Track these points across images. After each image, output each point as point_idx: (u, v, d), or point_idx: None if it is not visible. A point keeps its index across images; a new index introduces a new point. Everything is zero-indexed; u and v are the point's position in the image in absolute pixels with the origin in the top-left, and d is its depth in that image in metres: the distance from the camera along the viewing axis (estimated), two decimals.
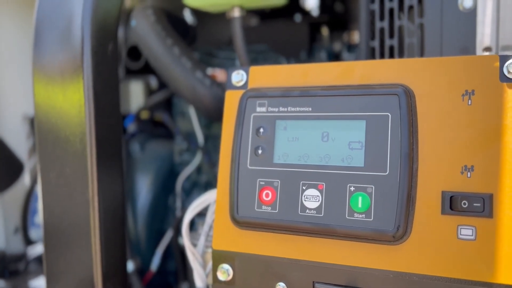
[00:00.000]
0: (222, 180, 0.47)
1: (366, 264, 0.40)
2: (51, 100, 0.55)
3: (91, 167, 0.55)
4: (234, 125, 0.46)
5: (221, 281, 0.46)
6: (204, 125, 0.97)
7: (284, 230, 0.43)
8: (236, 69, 0.48)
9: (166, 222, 0.99)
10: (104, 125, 0.56)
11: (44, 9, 0.55)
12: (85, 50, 0.54)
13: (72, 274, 0.57)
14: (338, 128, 0.42)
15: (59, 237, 0.57)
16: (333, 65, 0.44)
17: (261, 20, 1.11)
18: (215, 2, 0.65)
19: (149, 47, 0.80)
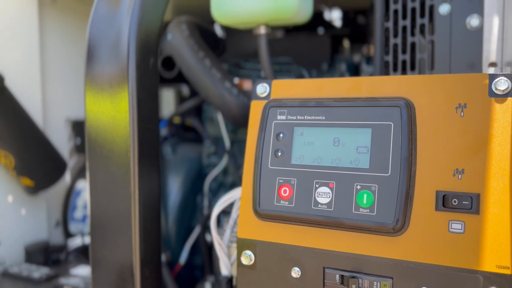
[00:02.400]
0: (246, 178, 0.54)
1: (369, 252, 0.47)
2: (100, 106, 0.63)
3: (133, 166, 0.63)
4: (257, 130, 0.53)
5: (244, 265, 0.53)
6: (230, 130, 1.04)
7: (299, 222, 0.50)
8: (260, 82, 0.55)
9: (194, 219, 1.07)
10: (144, 129, 0.64)
11: (96, 28, 0.64)
12: (130, 64, 0.62)
13: (114, 260, 0.65)
14: (348, 134, 0.49)
15: (103, 227, 0.65)
16: (344, 80, 0.51)
17: (286, 32, 1.18)
18: (243, 20, 0.72)
19: (183, 59, 0.88)
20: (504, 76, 0.44)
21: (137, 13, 0.62)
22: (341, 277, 0.48)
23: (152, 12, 0.65)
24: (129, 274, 0.64)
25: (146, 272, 0.64)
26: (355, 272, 0.47)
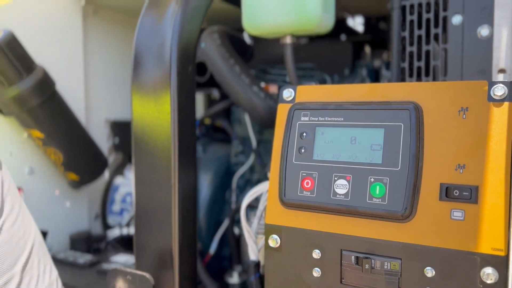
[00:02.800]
0: (273, 172, 0.62)
1: (381, 236, 0.53)
2: (145, 109, 0.72)
3: (174, 161, 0.71)
4: (284, 130, 0.61)
5: (271, 248, 0.61)
6: (257, 131, 1.12)
7: (319, 210, 0.57)
8: (286, 88, 0.63)
9: (223, 213, 1.15)
10: (184, 129, 0.72)
11: (141, 40, 0.73)
12: (172, 71, 0.70)
13: (156, 245, 0.73)
14: (363, 134, 0.56)
15: (147, 216, 0.74)
16: (360, 86, 0.58)
17: (310, 40, 1.25)
18: (271, 32, 0.80)
19: (215, 65, 0.96)
20: (501, 84, 0.50)
21: (178, 26, 0.71)
22: (356, 258, 0.55)
23: (191, 25, 0.73)
24: (169, 257, 0.72)
25: (183, 256, 0.72)
26: (368, 254, 0.54)
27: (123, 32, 1.29)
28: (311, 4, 0.72)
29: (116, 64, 1.28)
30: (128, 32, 1.29)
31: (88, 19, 1.19)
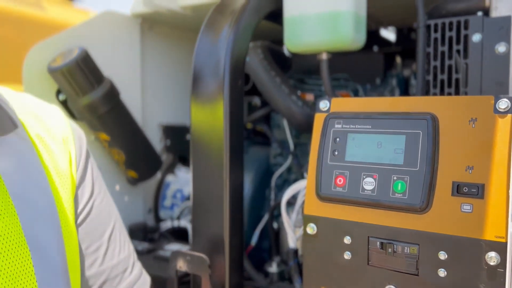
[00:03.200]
0: (311, 171, 0.73)
1: (402, 225, 0.64)
2: (202, 116, 0.85)
3: (225, 160, 0.83)
4: (320, 136, 0.72)
5: (309, 235, 0.72)
6: (294, 135, 1.23)
7: (350, 203, 0.68)
8: (323, 100, 0.74)
9: (263, 209, 1.26)
10: (234, 133, 0.85)
11: (199, 58, 0.86)
12: (225, 84, 0.83)
13: (210, 231, 0.86)
14: (388, 140, 0.66)
15: (202, 206, 0.87)
16: (385, 99, 0.69)
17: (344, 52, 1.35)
18: (309, 49, 0.91)
19: (258, 77, 1.08)
20: (505, 98, 0.60)
21: (230, 46, 0.83)
22: (381, 243, 0.65)
23: (241, 44, 0.86)
24: (220, 242, 0.84)
25: (233, 241, 0.85)
26: (391, 240, 0.65)
27: (174, 45, 1.43)
28: (344, 27, 0.84)
29: (168, 74, 1.42)
30: (178, 45, 1.44)
31: (145, 34, 1.33)
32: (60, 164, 0.70)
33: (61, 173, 0.69)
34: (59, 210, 0.67)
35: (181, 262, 0.84)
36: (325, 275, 0.71)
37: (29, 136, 0.67)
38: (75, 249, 0.69)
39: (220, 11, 0.89)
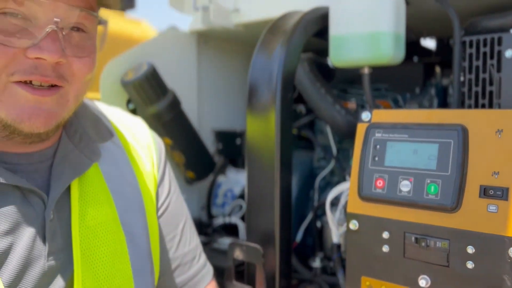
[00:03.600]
0: (354, 174, 0.83)
1: (434, 223, 0.73)
2: (256, 125, 0.97)
3: (276, 163, 0.95)
4: (362, 143, 0.82)
5: (351, 230, 0.82)
6: (337, 140, 1.32)
7: (388, 203, 0.78)
8: (365, 111, 0.84)
9: (307, 209, 1.37)
10: (283, 139, 0.96)
11: (255, 73, 0.98)
12: (277, 97, 0.94)
13: (262, 225, 0.97)
14: (422, 147, 0.76)
15: (256, 204, 0.99)
16: (421, 111, 0.78)
17: None
18: (352, 65, 1.01)
19: (304, 88, 1.19)
20: None
21: (282, 63, 0.95)
22: (415, 238, 0.74)
23: (291, 61, 0.97)
24: (271, 235, 0.96)
25: (282, 234, 0.96)
26: (425, 235, 0.74)
27: (227, 57, 1.57)
28: (385, 46, 0.93)
29: (220, 84, 1.55)
30: (230, 57, 1.57)
31: (201, 48, 1.47)
32: (145, 166, 0.84)
33: (146, 173, 0.84)
34: (145, 203, 0.81)
35: (238, 252, 0.97)
36: (366, 266, 0.81)
37: (122, 143, 0.82)
38: (156, 236, 0.83)
39: (273, 31, 1.01)
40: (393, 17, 0.93)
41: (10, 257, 0.63)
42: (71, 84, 0.67)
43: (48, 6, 0.61)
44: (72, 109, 0.70)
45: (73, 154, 0.73)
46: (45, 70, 0.63)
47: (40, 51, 0.61)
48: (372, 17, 0.95)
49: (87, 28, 0.67)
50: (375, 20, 0.94)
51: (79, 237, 0.70)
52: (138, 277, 0.76)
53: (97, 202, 0.73)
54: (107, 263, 0.72)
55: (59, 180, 0.70)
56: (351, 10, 0.98)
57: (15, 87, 0.62)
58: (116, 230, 0.74)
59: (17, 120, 0.63)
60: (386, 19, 0.93)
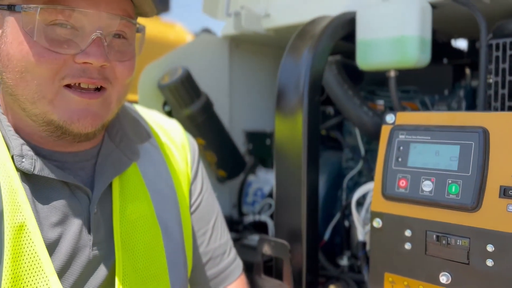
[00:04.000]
0: (378, 174, 0.87)
1: (455, 221, 0.75)
2: (284, 126, 1.01)
3: (303, 163, 0.99)
4: (386, 145, 0.85)
5: (375, 228, 0.85)
6: (365, 141, 1.35)
7: (411, 202, 0.81)
8: (389, 114, 0.87)
9: (335, 208, 1.40)
10: (310, 140, 1.00)
11: (283, 77, 1.03)
12: (304, 99, 0.99)
13: (290, 222, 1.02)
14: (444, 149, 0.78)
15: (284, 202, 1.03)
16: (443, 114, 0.80)
17: None
18: (379, 68, 1.04)
19: (333, 90, 1.22)
20: None
21: (309, 67, 0.99)
22: (437, 236, 0.77)
23: (318, 65, 1.01)
24: (298, 232, 1.00)
25: (309, 232, 1.00)
26: (445, 234, 0.76)
27: (257, 60, 1.62)
28: (410, 49, 0.96)
29: (251, 86, 1.61)
30: (261, 60, 1.62)
31: (232, 52, 1.53)
32: (180, 165, 0.90)
33: (181, 172, 0.90)
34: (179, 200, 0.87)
35: (266, 247, 1.02)
36: (389, 263, 0.84)
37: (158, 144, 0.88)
38: (189, 231, 0.89)
39: (301, 37, 1.05)
40: (419, 21, 0.96)
41: (60, 246, 0.70)
42: (114, 87, 0.73)
43: (93, 16, 0.68)
44: (115, 111, 0.76)
45: (114, 153, 0.80)
46: (92, 73, 0.70)
47: (87, 56, 0.68)
48: (398, 22, 0.97)
49: (127, 34, 0.74)
50: (401, 25, 0.97)
51: (120, 229, 0.76)
52: (172, 268, 0.82)
53: (136, 198, 0.80)
54: (144, 253, 0.78)
55: (102, 177, 0.76)
56: (378, 15, 1.01)
57: (66, 91, 0.69)
58: (153, 224, 0.80)
59: (68, 121, 0.70)
60: (412, 24, 0.96)
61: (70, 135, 0.72)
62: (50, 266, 0.68)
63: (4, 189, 0.67)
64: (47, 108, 0.69)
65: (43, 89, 0.68)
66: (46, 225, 0.70)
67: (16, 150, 0.69)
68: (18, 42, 0.67)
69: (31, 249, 0.67)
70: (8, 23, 0.69)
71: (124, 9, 0.72)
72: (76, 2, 0.67)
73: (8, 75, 0.69)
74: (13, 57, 0.68)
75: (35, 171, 0.69)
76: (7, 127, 0.72)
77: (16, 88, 0.69)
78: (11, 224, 0.66)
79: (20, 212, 0.67)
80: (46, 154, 0.73)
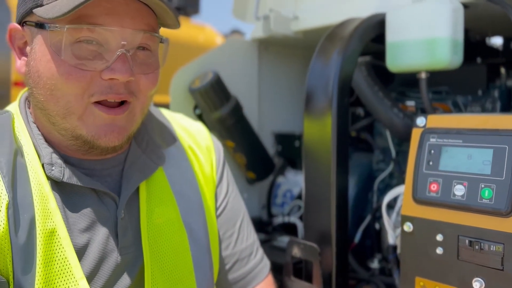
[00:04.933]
0: (408, 177, 0.86)
1: (488, 226, 0.74)
2: (313, 128, 1.02)
3: (332, 165, 0.99)
4: (417, 148, 0.85)
5: (406, 232, 0.85)
6: (396, 143, 1.33)
7: (442, 206, 0.80)
8: (420, 117, 0.86)
9: (365, 210, 1.39)
10: (340, 142, 1.00)
11: (312, 79, 1.03)
12: (333, 102, 0.99)
13: (319, 224, 1.02)
14: (477, 152, 0.77)
15: (313, 204, 1.04)
16: (476, 117, 0.79)
17: None
18: (409, 70, 1.03)
19: (362, 92, 1.22)
20: None
21: (338, 70, 0.99)
22: (469, 241, 0.76)
23: (347, 68, 1.01)
24: (328, 235, 1.00)
25: (338, 234, 1.00)
26: (479, 239, 0.75)
27: (286, 62, 1.63)
28: (442, 51, 0.94)
29: (279, 88, 1.62)
30: (290, 62, 1.63)
31: (262, 54, 1.54)
32: (205, 168, 0.92)
33: (206, 176, 0.92)
34: (205, 204, 0.89)
35: (295, 249, 1.02)
36: (420, 267, 0.83)
37: (183, 147, 0.90)
38: (215, 234, 0.91)
39: (331, 39, 1.05)
40: (451, 22, 0.94)
41: (88, 251, 0.73)
42: (138, 99, 0.75)
43: (117, 32, 0.70)
44: (139, 122, 0.78)
45: (141, 159, 0.82)
46: (118, 88, 0.71)
47: (113, 72, 0.69)
48: (429, 23, 0.96)
49: (151, 47, 0.75)
50: (432, 26, 0.96)
51: (147, 233, 0.79)
52: (198, 270, 0.84)
53: (162, 202, 0.82)
54: (171, 256, 0.80)
55: (129, 183, 0.79)
56: (408, 17, 1.00)
57: (94, 108, 0.71)
58: (179, 227, 0.82)
59: (95, 136, 0.72)
60: (444, 25, 0.94)
61: (98, 149, 0.75)
62: (80, 270, 0.70)
63: (35, 196, 0.70)
64: (76, 123, 0.72)
65: (73, 105, 0.70)
66: (75, 230, 0.72)
67: (46, 159, 0.72)
68: (47, 60, 0.70)
69: (61, 254, 0.69)
70: (37, 40, 0.71)
71: (148, 23, 0.73)
72: (101, 19, 0.68)
73: (39, 91, 0.72)
74: (42, 75, 0.70)
75: (64, 179, 0.72)
76: (37, 136, 0.75)
77: (46, 103, 0.72)
78: (43, 230, 0.68)
79: (50, 218, 0.70)
80: (74, 162, 0.76)
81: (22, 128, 0.75)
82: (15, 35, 0.76)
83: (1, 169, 0.68)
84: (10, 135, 0.73)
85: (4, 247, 0.66)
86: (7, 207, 0.66)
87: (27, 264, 0.66)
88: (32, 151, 0.73)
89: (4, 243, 0.66)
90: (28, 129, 0.75)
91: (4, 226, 0.66)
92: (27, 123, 0.76)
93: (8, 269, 0.66)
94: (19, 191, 0.69)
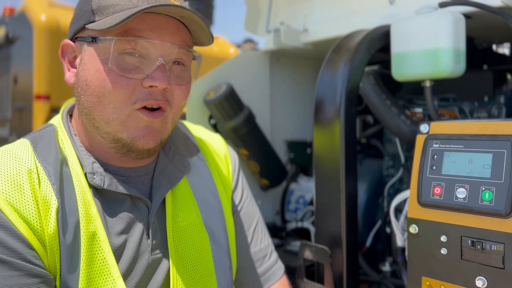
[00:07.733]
0: (413, 182, 0.90)
1: (489, 227, 0.78)
2: (322, 136, 1.07)
3: (341, 172, 1.04)
4: (420, 153, 0.89)
5: (412, 234, 0.89)
6: (405, 149, 1.37)
7: (446, 208, 0.84)
8: (423, 124, 0.91)
9: (376, 215, 1.43)
10: (348, 150, 1.05)
11: (321, 90, 1.08)
12: (341, 110, 1.04)
13: (330, 228, 1.07)
14: (477, 157, 0.81)
15: (323, 209, 1.08)
16: (477, 123, 0.83)
17: None
18: (414, 79, 1.08)
19: (370, 100, 1.26)
20: None
21: (346, 80, 1.04)
22: (472, 241, 0.80)
23: (354, 78, 1.06)
24: (338, 238, 1.05)
25: (349, 238, 1.05)
26: (481, 239, 0.79)
27: (296, 72, 1.68)
28: (444, 61, 0.99)
29: (291, 97, 1.67)
30: (300, 72, 1.68)
31: (273, 65, 1.60)
32: (223, 176, 0.98)
33: (224, 182, 0.98)
34: (224, 208, 0.95)
35: (307, 252, 1.07)
36: (426, 267, 0.87)
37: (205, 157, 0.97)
38: (232, 237, 0.97)
39: (338, 51, 1.10)
40: (452, 33, 0.99)
41: (124, 252, 0.79)
42: (172, 108, 0.82)
43: (158, 45, 0.77)
44: (170, 130, 0.85)
45: (169, 168, 0.88)
46: (157, 95, 0.78)
47: (152, 80, 0.77)
48: (432, 35, 1.01)
49: (185, 61, 0.83)
50: (434, 37, 1.00)
51: (173, 235, 0.85)
52: (219, 269, 0.90)
53: (186, 207, 0.88)
54: (194, 256, 0.86)
55: (159, 190, 0.85)
56: (412, 28, 1.05)
57: (138, 113, 0.78)
58: (201, 230, 0.88)
59: (134, 138, 0.78)
60: (445, 36, 0.99)
61: (135, 152, 0.81)
62: (117, 270, 0.76)
63: (80, 202, 0.77)
64: (119, 127, 0.78)
65: (118, 111, 0.77)
66: (113, 233, 0.79)
67: (88, 168, 0.79)
68: (96, 69, 0.77)
69: (101, 255, 0.76)
70: (86, 52, 0.79)
71: (184, 40, 0.81)
72: (145, 33, 0.76)
73: (87, 98, 0.78)
74: (91, 83, 0.77)
75: (105, 186, 0.79)
76: (79, 147, 0.82)
77: (93, 110, 0.78)
78: (86, 233, 0.75)
79: (92, 222, 0.76)
80: (113, 170, 0.83)
81: (66, 140, 0.82)
82: (66, 50, 0.84)
83: (50, 177, 0.75)
84: (56, 147, 0.80)
85: (53, 246, 0.73)
86: (57, 211, 0.74)
87: (72, 263, 0.73)
88: (75, 161, 0.80)
89: (54, 243, 0.73)
90: (71, 141, 0.82)
91: (54, 228, 0.73)
92: (70, 136, 0.83)
93: (56, 267, 0.73)
94: (66, 197, 0.76)
